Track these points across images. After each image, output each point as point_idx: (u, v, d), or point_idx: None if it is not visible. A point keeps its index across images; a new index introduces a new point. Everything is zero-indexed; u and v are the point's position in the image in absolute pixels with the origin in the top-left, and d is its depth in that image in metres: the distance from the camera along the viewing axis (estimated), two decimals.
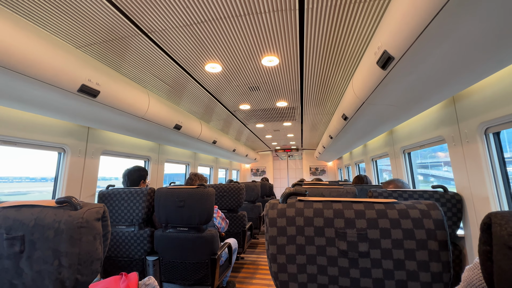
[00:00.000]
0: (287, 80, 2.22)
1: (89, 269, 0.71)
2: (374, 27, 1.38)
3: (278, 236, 0.64)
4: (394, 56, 1.08)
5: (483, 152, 1.42)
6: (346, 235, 0.60)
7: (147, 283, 1.34)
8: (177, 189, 1.82)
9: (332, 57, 1.76)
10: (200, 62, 1.82)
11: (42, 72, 1.24)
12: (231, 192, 2.95)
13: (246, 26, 1.40)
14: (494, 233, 0.48)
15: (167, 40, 1.53)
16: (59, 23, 1.31)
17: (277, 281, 0.63)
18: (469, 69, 1.07)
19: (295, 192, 0.69)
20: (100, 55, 1.65)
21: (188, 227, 1.80)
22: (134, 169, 2.14)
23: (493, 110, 1.31)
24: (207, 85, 2.29)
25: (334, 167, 7.51)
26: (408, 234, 0.57)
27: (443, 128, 1.74)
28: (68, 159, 2.07)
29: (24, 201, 0.79)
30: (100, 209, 0.76)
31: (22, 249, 0.72)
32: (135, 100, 1.94)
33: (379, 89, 1.42)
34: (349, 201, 0.64)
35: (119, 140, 2.66)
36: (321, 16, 1.32)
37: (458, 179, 1.60)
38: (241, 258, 3.43)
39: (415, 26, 0.88)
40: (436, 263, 0.55)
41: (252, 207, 3.77)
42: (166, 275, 1.87)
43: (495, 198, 1.38)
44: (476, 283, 0.59)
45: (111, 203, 1.89)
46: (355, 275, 0.59)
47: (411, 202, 0.62)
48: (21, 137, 1.74)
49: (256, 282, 2.68)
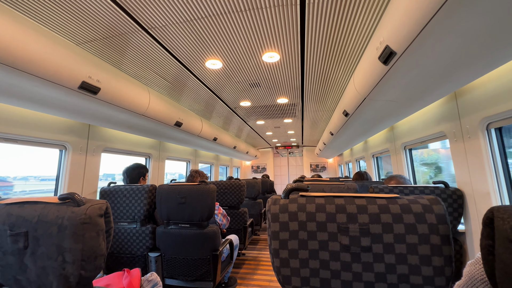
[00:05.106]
0: (287, 76, 2.21)
1: (92, 265, 0.71)
2: (376, 22, 1.37)
3: (281, 231, 0.64)
4: (396, 51, 1.07)
5: (484, 147, 1.42)
6: (348, 230, 0.60)
7: (149, 279, 1.35)
8: (178, 186, 1.82)
9: (333, 52, 1.75)
10: (201, 58, 1.82)
11: (43, 69, 1.24)
12: (232, 189, 2.95)
13: (247, 22, 1.39)
14: (497, 227, 0.48)
15: (167, 37, 1.52)
16: (59, 20, 1.30)
17: (279, 276, 0.63)
18: (471, 64, 1.06)
19: (297, 187, 0.69)
20: (101, 52, 1.64)
21: (190, 224, 1.81)
22: (133, 167, 2.15)
23: (495, 106, 1.30)
24: (208, 82, 2.29)
25: (334, 163, 7.51)
26: (411, 228, 0.57)
27: (444, 123, 1.73)
28: (69, 156, 2.07)
29: (27, 198, 0.80)
30: (103, 205, 0.76)
31: (26, 245, 0.72)
32: (135, 97, 1.94)
33: (380, 84, 1.41)
34: (351, 196, 0.64)
35: (120, 138, 2.66)
36: (322, 11, 1.31)
37: (459, 175, 1.60)
38: (243, 254, 3.45)
39: (417, 20, 0.88)
40: (438, 257, 0.55)
41: (253, 204, 3.79)
42: (168, 271, 1.88)
43: (496, 194, 1.38)
44: (478, 277, 0.59)
45: (112, 200, 1.90)
46: (357, 269, 0.59)
47: (413, 197, 0.62)
48: (22, 135, 1.74)
49: (257, 277, 2.70)
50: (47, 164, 2.03)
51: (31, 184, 2.14)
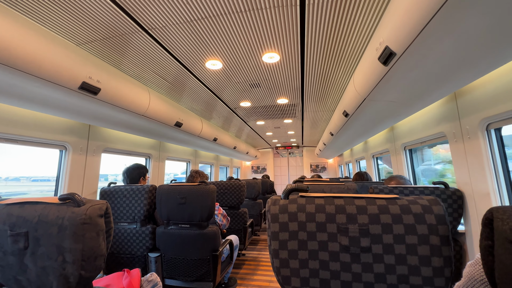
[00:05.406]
0: (288, 77, 2.21)
1: (92, 265, 0.71)
2: (376, 22, 1.37)
3: (280, 231, 0.64)
4: (396, 52, 1.08)
5: (484, 148, 1.42)
6: (348, 231, 0.60)
7: (149, 279, 1.35)
8: (178, 186, 1.82)
9: (333, 53, 1.76)
10: (201, 59, 1.82)
11: (43, 70, 1.24)
12: (232, 189, 2.95)
13: (247, 23, 1.39)
14: (496, 227, 0.48)
15: (167, 37, 1.52)
16: (60, 21, 1.30)
17: (279, 276, 0.64)
18: (471, 64, 1.07)
19: (297, 188, 0.69)
20: (101, 53, 1.65)
21: (190, 224, 1.81)
22: (133, 167, 2.15)
23: (495, 106, 1.30)
24: (208, 82, 2.29)
25: (334, 164, 7.51)
26: (410, 229, 0.57)
27: (444, 124, 1.74)
28: (69, 156, 2.07)
29: (27, 198, 0.80)
30: (103, 205, 0.76)
31: (26, 246, 0.72)
32: (135, 98, 1.94)
33: (380, 85, 1.41)
34: (351, 196, 0.64)
35: (120, 138, 2.66)
36: (322, 12, 1.31)
37: (459, 175, 1.60)
38: (242, 255, 3.45)
39: (417, 21, 0.88)
40: (438, 258, 0.56)
41: (253, 204, 3.79)
42: (168, 272, 1.88)
43: (496, 194, 1.38)
44: (477, 278, 0.59)
45: (113, 201, 1.90)
46: (356, 270, 0.59)
47: (413, 197, 0.62)
48: (23, 135, 1.75)
49: (257, 278, 2.69)
50: (39, 164, 2.01)
51: (22, 185, 2.11)
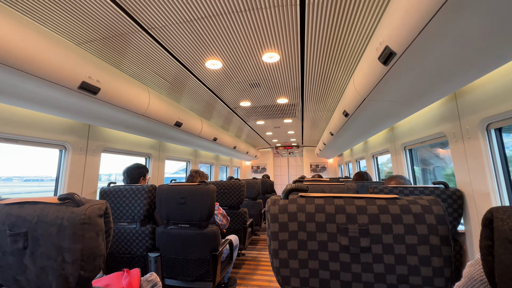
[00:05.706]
0: (287, 77, 2.21)
1: (92, 265, 0.71)
2: (376, 22, 1.37)
3: (280, 231, 0.64)
4: (396, 52, 1.07)
5: (484, 148, 1.42)
6: (347, 231, 0.60)
7: (149, 279, 1.35)
8: (178, 186, 1.82)
9: (333, 53, 1.75)
10: (200, 58, 1.82)
11: (43, 69, 1.24)
12: (232, 189, 2.95)
13: (247, 22, 1.39)
14: (496, 227, 0.48)
15: (167, 37, 1.52)
16: (60, 20, 1.30)
17: (279, 276, 0.63)
18: (470, 64, 1.06)
19: (297, 188, 0.69)
20: (101, 52, 1.64)
21: (190, 224, 1.81)
22: (133, 167, 2.15)
23: (495, 106, 1.30)
24: (208, 82, 2.29)
25: (334, 164, 7.51)
26: (410, 229, 0.57)
27: (444, 124, 1.73)
28: (69, 156, 2.07)
29: (27, 198, 0.79)
30: (102, 205, 0.76)
31: (25, 246, 0.72)
32: (135, 97, 1.94)
33: (380, 85, 1.41)
34: (351, 196, 0.64)
35: (120, 138, 2.66)
36: (322, 12, 1.31)
37: (459, 175, 1.60)
38: (242, 255, 3.45)
39: (417, 21, 0.88)
40: (438, 258, 0.55)
41: (253, 204, 3.79)
42: (168, 271, 1.88)
43: (496, 194, 1.38)
44: (477, 278, 0.59)
45: (112, 200, 1.90)
46: (356, 270, 0.59)
47: (413, 197, 0.62)
48: (22, 135, 1.74)
49: (257, 278, 2.69)
50: (33, 164, 2.00)
51: (13, 185, 2.09)
